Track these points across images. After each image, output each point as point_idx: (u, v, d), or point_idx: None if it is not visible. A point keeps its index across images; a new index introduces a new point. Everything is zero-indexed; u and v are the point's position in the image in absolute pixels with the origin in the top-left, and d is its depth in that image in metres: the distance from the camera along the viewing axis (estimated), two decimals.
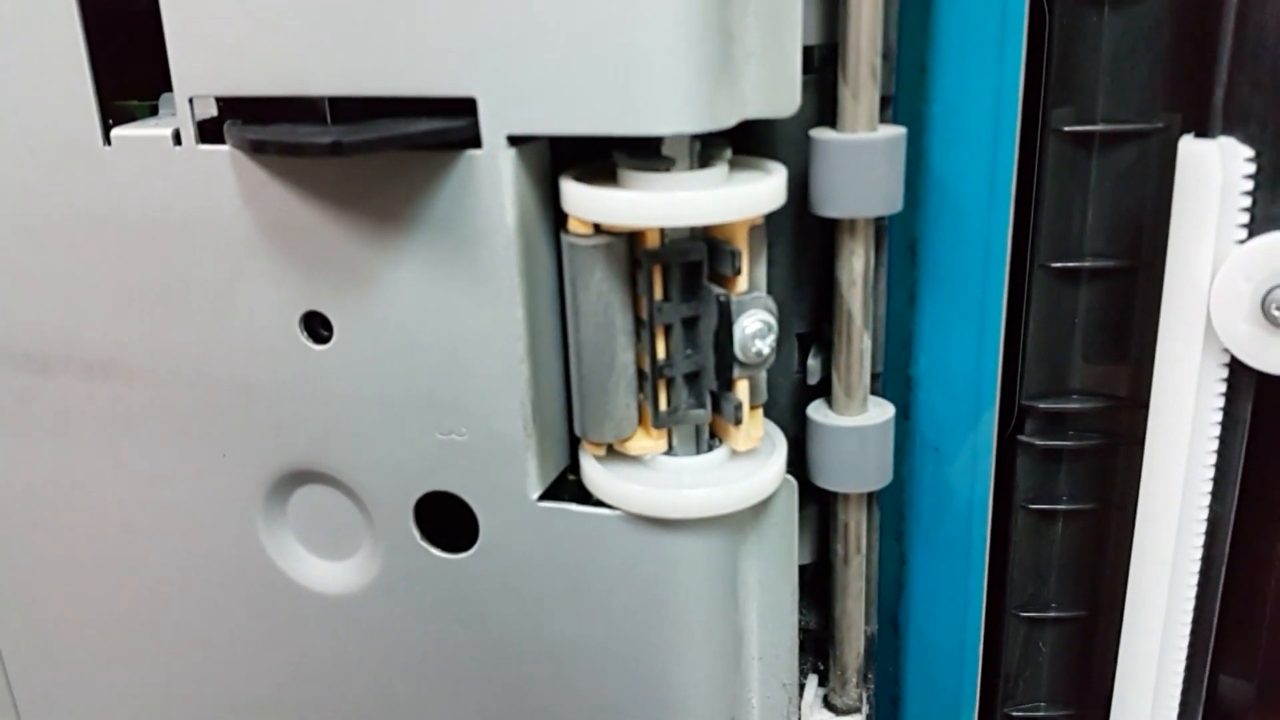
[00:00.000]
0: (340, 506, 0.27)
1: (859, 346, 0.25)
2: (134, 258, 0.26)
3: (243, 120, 0.24)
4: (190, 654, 0.30)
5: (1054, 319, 0.28)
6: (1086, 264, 0.27)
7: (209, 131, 0.25)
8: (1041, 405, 0.29)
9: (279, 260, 0.25)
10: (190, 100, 0.24)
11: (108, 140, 0.25)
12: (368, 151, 0.21)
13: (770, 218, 0.25)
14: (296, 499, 0.27)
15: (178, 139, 0.25)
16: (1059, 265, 0.27)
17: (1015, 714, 0.32)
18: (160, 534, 0.29)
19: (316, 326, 0.25)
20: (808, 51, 0.24)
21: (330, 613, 0.28)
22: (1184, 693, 0.30)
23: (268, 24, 0.22)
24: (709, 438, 0.25)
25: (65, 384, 0.28)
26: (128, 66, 0.26)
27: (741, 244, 0.23)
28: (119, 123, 0.26)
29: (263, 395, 0.26)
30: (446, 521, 0.26)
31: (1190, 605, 0.29)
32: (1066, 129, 0.26)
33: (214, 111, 0.25)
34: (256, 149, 0.23)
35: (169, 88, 0.24)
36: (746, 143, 0.25)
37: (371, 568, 0.27)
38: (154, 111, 0.27)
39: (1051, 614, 0.31)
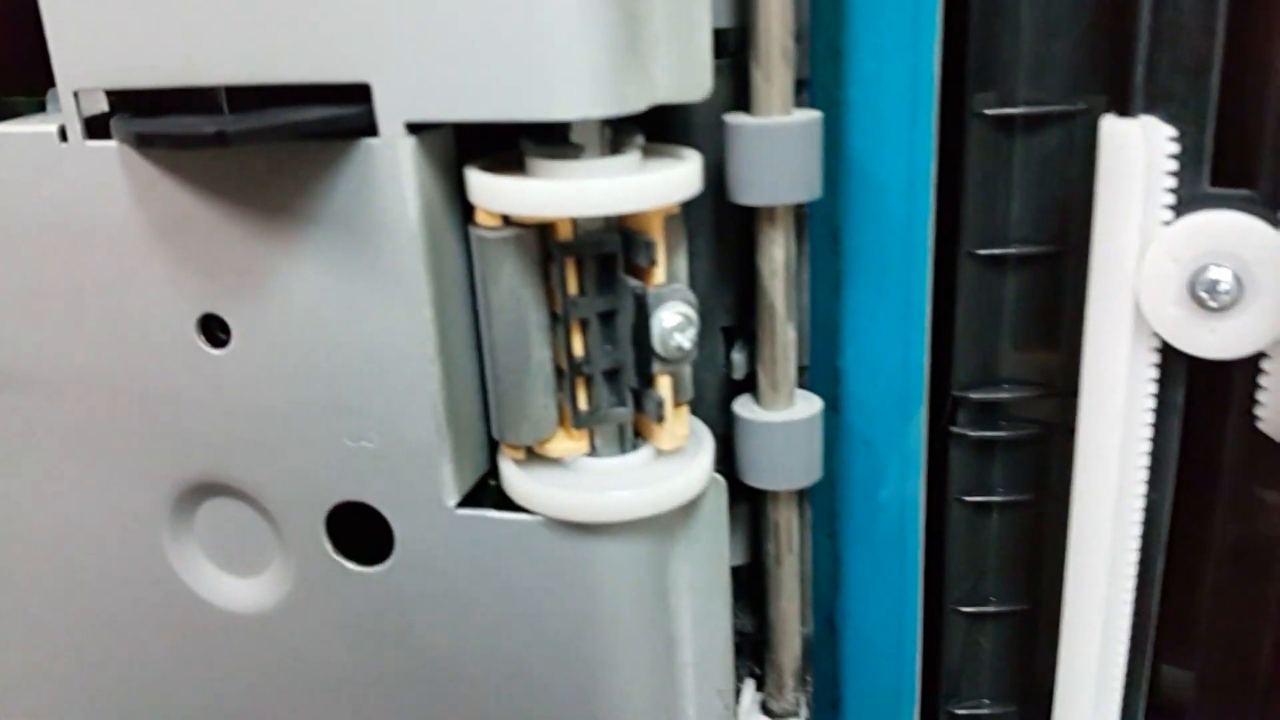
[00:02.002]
0: (249, 520, 0.25)
1: (783, 339, 0.24)
2: (22, 261, 0.25)
3: (135, 115, 0.23)
4: (96, 676, 0.29)
5: (982, 307, 0.27)
6: (1013, 250, 0.27)
7: (100, 127, 0.23)
8: (973, 395, 0.28)
9: (173, 261, 0.23)
10: (75, 94, 0.23)
11: None
12: (254, 141, 0.20)
13: (690, 208, 0.24)
14: (203, 513, 0.26)
15: (64, 135, 0.23)
16: (985, 252, 0.27)
17: (959, 712, 0.31)
18: (61, 550, 0.27)
19: (214, 330, 0.24)
20: (722, 35, 0.23)
21: (243, 631, 0.26)
22: (1127, 685, 0.29)
23: (150, 11, 0.21)
24: (633, 437, 0.24)
25: None
26: (11, 61, 0.25)
27: (657, 234, 0.22)
28: (1, 119, 0.24)
29: (162, 403, 0.25)
30: (364, 532, 0.25)
31: (1130, 596, 0.28)
32: (988, 112, 0.26)
33: (105, 107, 0.24)
34: (143, 142, 0.22)
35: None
36: (663, 130, 0.24)
37: (284, 584, 0.26)
38: (41, 108, 0.25)
39: (991, 609, 0.30)
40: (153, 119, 0.22)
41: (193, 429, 0.24)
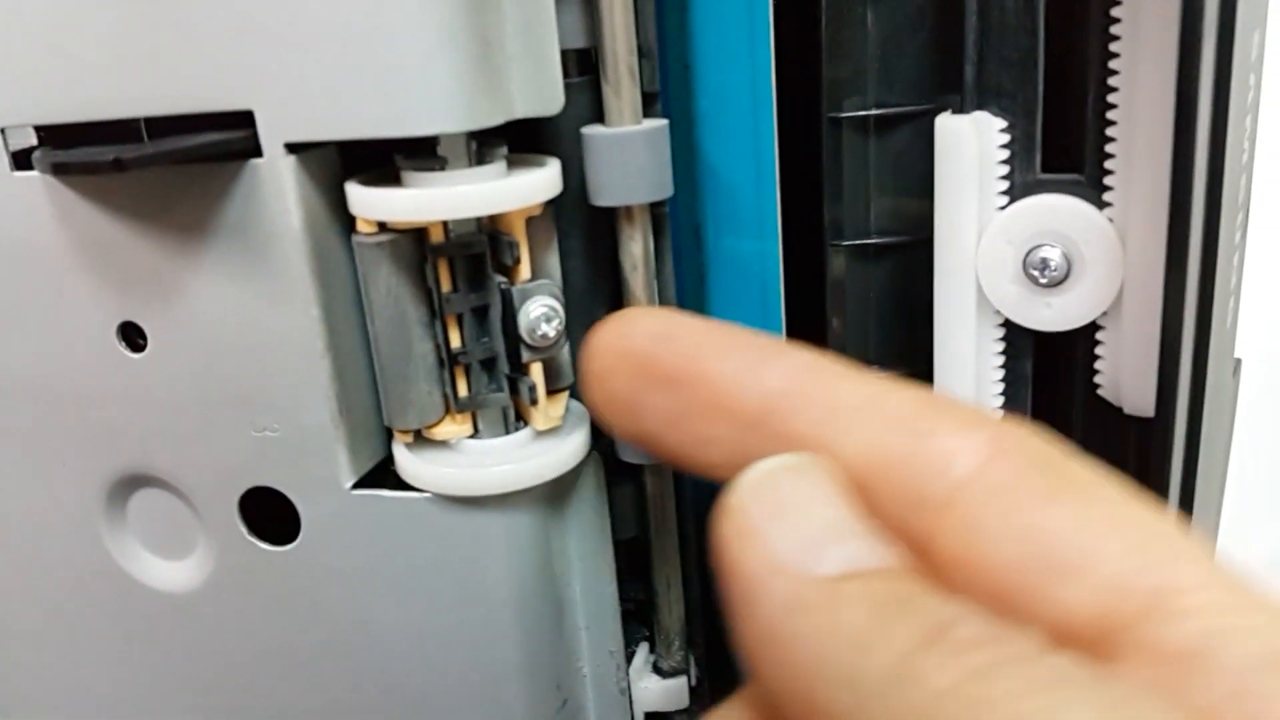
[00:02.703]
0: (174, 507, 0.28)
1: None
2: None
3: (65, 146, 0.25)
4: (43, 657, 0.31)
5: (852, 294, 0.30)
6: (873, 240, 0.29)
7: (26, 160, 0.26)
8: None
9: (94, 275, 0.26)
10: (2, 132, 0.26)
11: None
12: (149, 165, 0.23)
13: (564, 211, 0.27)
14: (135, 502, 0.29)
15: None
16: (849, 243, 0.29)
17: None
18: (8, 542, 0.30)
19: (133, 335, 0.26)
20: (583, 54, 0.26)
21: (175, 610, 0.29)
22: None
23: (58, 58, 0.24)
24: (515, 420, 0.27)
25: None
26: None
27: (519, 234, 0.24)
28: None
29: (92, 403, 0.27)
30: (279, 515, 0.28)
31: None
32: (843, 115, 0.28)
33: (34, 141, 0.27)
34: (58, 171, 0.24)
35: None
36: (536, 141, 0.26)
37: (207, 564, 0.28)
38: None
39: None
40: (65, 151, 0.24)
41: (118, 425, 0.27)
